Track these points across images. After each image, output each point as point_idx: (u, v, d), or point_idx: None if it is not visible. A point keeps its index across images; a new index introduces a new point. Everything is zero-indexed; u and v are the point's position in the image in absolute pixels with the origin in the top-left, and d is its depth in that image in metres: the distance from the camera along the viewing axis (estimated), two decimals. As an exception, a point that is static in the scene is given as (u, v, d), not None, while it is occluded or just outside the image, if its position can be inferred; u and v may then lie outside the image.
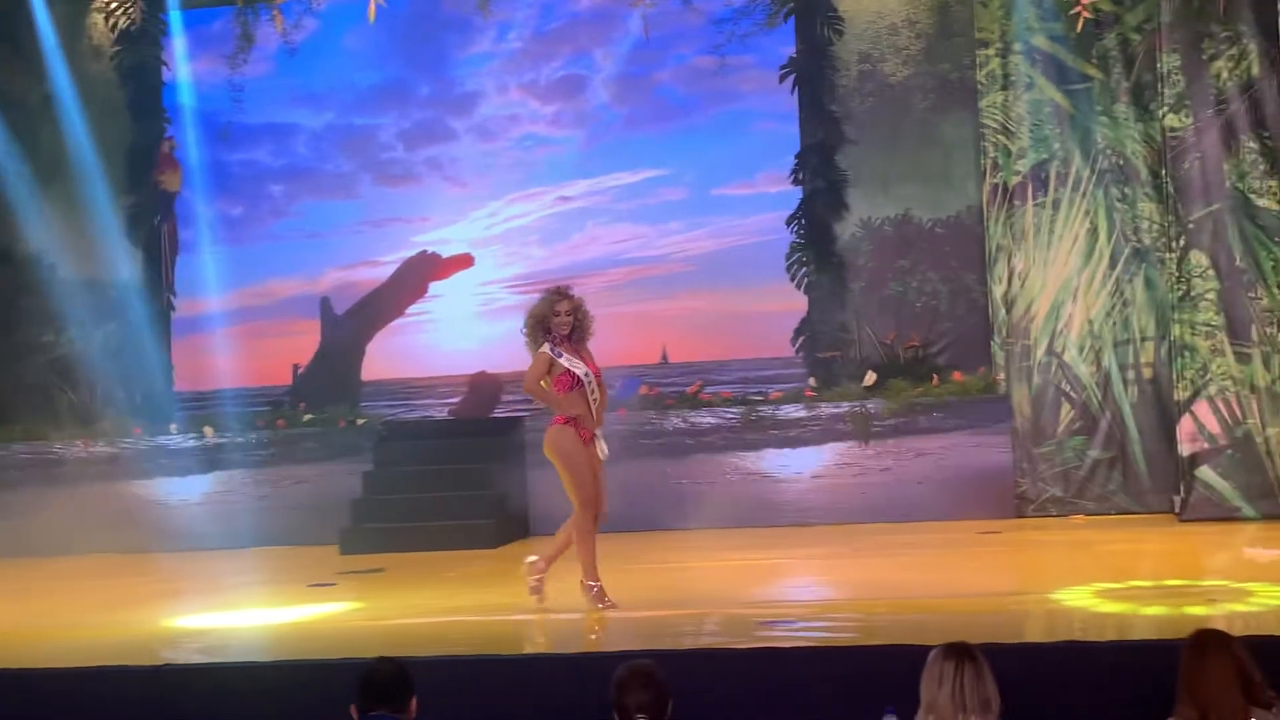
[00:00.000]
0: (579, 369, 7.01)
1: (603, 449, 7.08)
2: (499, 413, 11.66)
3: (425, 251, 12.11)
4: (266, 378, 12.15)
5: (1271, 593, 6.77)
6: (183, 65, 12.30)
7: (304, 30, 11.88)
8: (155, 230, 12.28)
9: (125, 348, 11.98)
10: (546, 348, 7.02)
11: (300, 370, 12.18)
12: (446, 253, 12.08)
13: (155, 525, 11.13)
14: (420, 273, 12.09)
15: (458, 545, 9.98)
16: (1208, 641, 4.07)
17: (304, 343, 12.21)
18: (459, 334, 12.02)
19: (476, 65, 12.10)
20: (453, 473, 10.78)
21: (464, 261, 12.06)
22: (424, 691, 4.41)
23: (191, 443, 11.44)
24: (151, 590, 9.12)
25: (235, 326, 12.14)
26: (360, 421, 11.47)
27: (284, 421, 11.52)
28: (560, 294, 7.12)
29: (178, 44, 12.29)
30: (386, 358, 12.14)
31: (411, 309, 12.16)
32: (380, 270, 12.18)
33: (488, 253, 12.04)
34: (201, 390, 12.14)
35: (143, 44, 12.23)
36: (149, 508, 11.28)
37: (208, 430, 11.46)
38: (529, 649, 6.61)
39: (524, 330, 7.13)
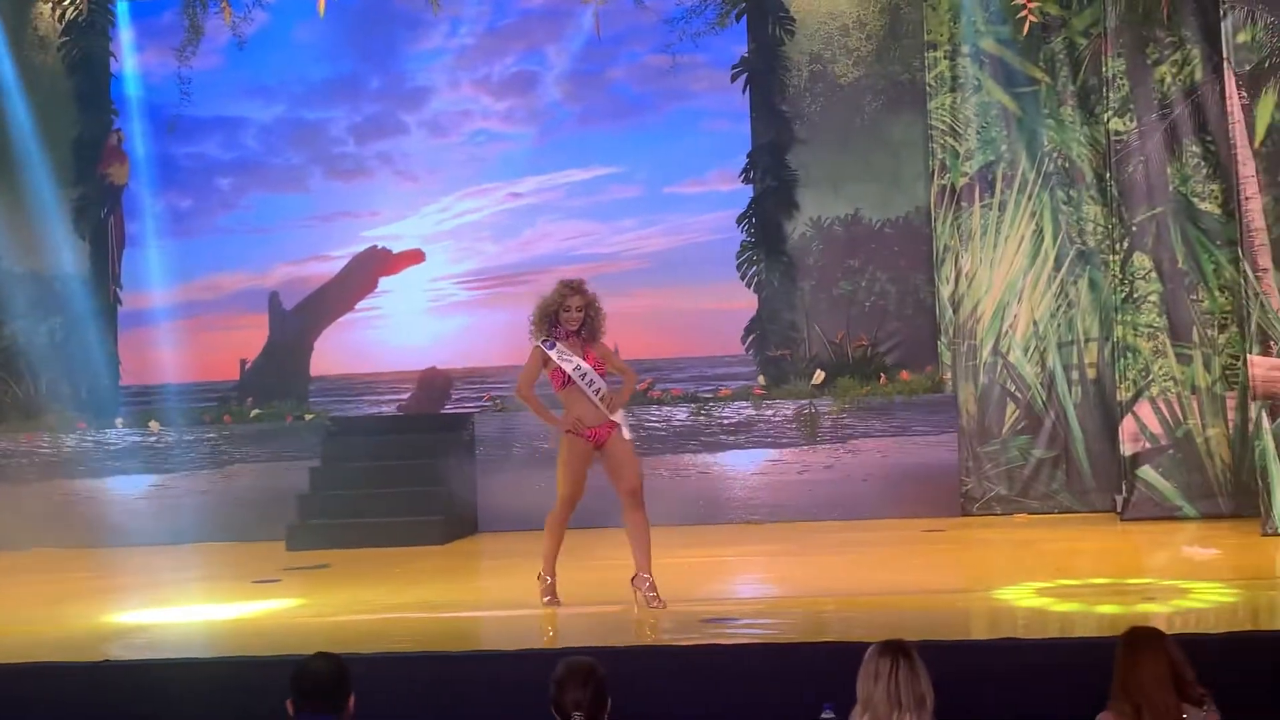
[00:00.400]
0: (570, 364, 6.78)
1: (625, 433, 6.88)
2: (448, 409, 11.64)
3: (376, 246, 12.07)
4: (213, 373, 12.07)
5: (1208, 591, 6.88)
6: (130, 57, 12.19)
7: (253, 23, 11.82)
8: (102, 223, 12.17)
9: (70, 341, 11.87)
10: (540, 343, 6.83)
11: (248, 365, 12.10)
12: (397, 248, 12.04)
13: (99, 520, 11.04)
14: (370, 268, 12.05)
15: (405, 542, 9.96)
16: (1141, 639, 4.13)
17: (252, 338, 12.13)
18: (409, 330, 11.99)
19: (428, 60, 12.06)
20: (401, 469, 10.76)
21: (415, 257, 12.02)
22: (366, 688, 4.40)
23: (137, 438, 11.34)
24: (94, 586, 9.04)
25: (182, 321, 12.06)
26: (308, 417, 11.42)
27: (230, 417, 11.45)
28: (573, 288, 6.86)
29: (125, 36, 12.18)
30: (335, 353, 12.09)
31: (361, 304, 12.11)
32: (330, 265, 12.13)
33: (439, 248, 12.01)
34: (147, 385, 12.04)
35: (90, 35, 12.12)
36: (92, 503, 11.18)
37: (153, 425, 11.36)
38: (472, 646, 6.59)
39: (531, 321, 6.91)
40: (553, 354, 6.82)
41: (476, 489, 10.75)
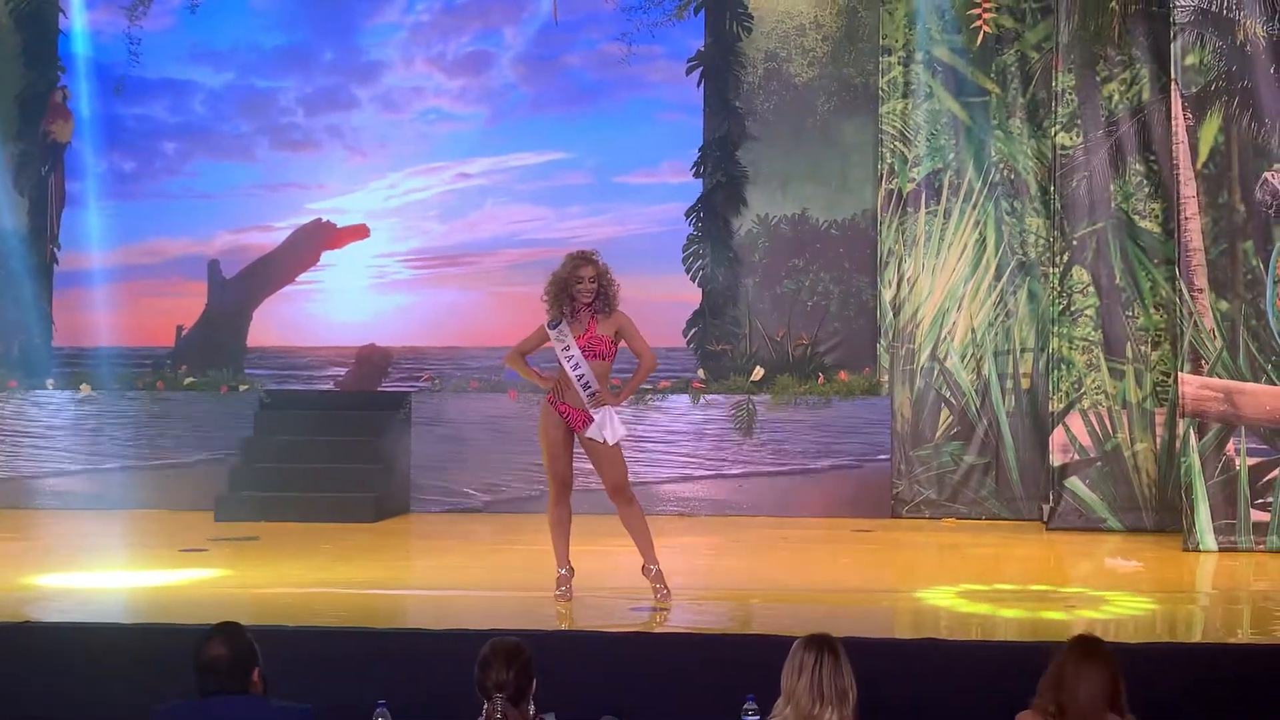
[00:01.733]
0: (566, 355, 6.56)
1: (604, 433, 6.59)
2: (386, 387, 11.57)
3: (320, 220, 11.96)
4: (148, 338, 11.91)
5: (1128, 602, 7.00)
6: (80, 14, 11.99)
7: (209, -13, 11.68)
8: (42, 180, 11.96)
9: (3, 298, 11.67)
10: (547, 323, 6.63)
11: (184, 332, 11.95)
12: (342, 222, 11.94)
13: (25, 482, 10.89)
14: (314, 241, 11.94)
15: (336, 518, 9.91)
16: (1090, 648, 4.16)
17: (190, 304, 11.99)
18: (350, 305, 11.90)
19: (383, 35, 11.97)
20: (335, 445, 10.69)
21: (359, 232, 11.94)
22: (287, 661, 4.39)
23: (67, 399, 11.18)
24: (18, 548, 8.92)
25: (119, 284, 11.88)
26: (243, 388, 11.30)
27: (164, 384, 11.31)
28: (584, 258, 6.65)
29: (76, -8, 11.99)
30: (274, 325, 11.98)
31: (302, 277, 12.00)
32: (273, 235, 12.01)
33: (384, 225, 11.93)
34: (81, 346, 11.86)
35: (41, -10, 11.91)
36: (19, 464, 11.02)
37: (84, 388, 11.21)
38: (398, 624, 6.58)
39: (544, 296, 6.67)
40: (553, 334, 6.62)
41: (410, 468, 10.70)
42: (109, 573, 7.74)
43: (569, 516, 6.80)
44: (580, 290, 6.61)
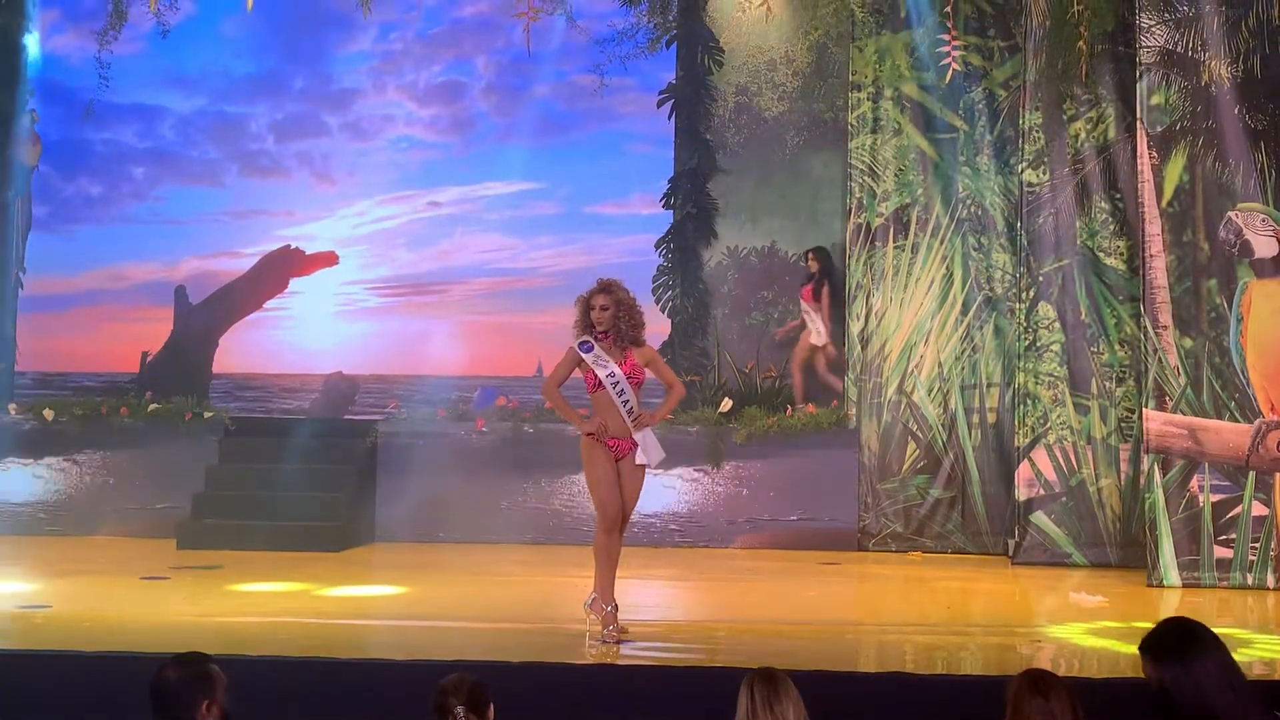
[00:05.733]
0: (604, 370, 6.51)
1: (643, 456, 6.56)
2: (352, 414, 11.52)
3: (289, 246, 11.94)
4: (114, 364, 11.84)
5: (1092, 637, 7.01)
6: (51, 38, 11.96)
7: (180, 13, 11.64)
8: (8, 204, 11.90)
9: (-33, 322, 11.58)
10: (576, 345, 6.54)
11: (149, 358, 11.89)
12: (311, 249, 11.92)
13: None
14: (282, 268, 11.92)
15: (300, 547, 9.82)
16: (1047, 682, 4.14)
17: (156, 330, 11.93)
18: (317, 333, 11.87)
19: (355, 63, 11.99)
20: (300, 473, 10.60)
21: (328, 259, 11.92)
22: (247, 691, 4.33)
23: (30, 425, 11.07)
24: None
25: (85, 309, 11.84)
26: (208, 415, 11.22)
27: (128, 410, 11.21)
28: (601, 286, 6.60)
29: (46, 16, 11.96)
30: (240, 352, 11.93)
31: (270, 304, 11.97)
32: (241, 262, 11.98)
33: (353, 252, 11.92)
34: (45, 371, 11.78)
35: (10, 13, 11.87)
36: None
37: (48, 413, 11.10)
38: (359, 654, 6.51)
39: (575, 322, 6.65)
40: (588, 357, 6.53)
41: (375, 497, 10.64)
42: (68, 600, 7.63)
43: (619, 550, 6.66)
44: (595, 317, 6.57)
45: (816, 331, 11.09)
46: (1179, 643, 3.89)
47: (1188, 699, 3.79)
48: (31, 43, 11.99)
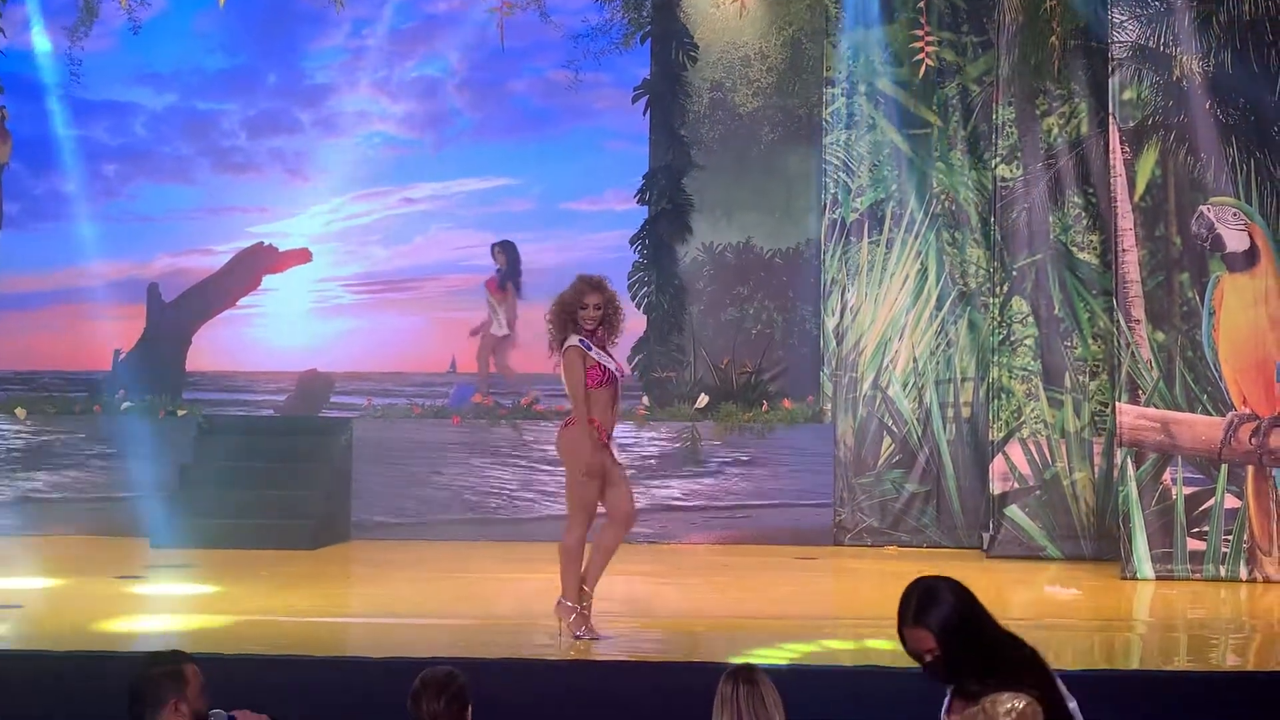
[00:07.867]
0: (611, 364, 6.46)
1: (617, 451, 6.62)
2: (326, 412, 11.48)
3: (262, 243, 11.88)
4: (86, 362, 11.76)
5: (1067, 629, 7.05)
6: (20, 34, 11.85)
7: (151, 8, 11.52)
8: (-22, 201, 11.81)
9: (-64, 321, 11.49)
10: (575, 340, 6.42)
11: (122, 356, 11.81)
12: (284, 246, 11.87)
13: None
14: (255, 265, 11.85)
15: (274, 545, 9.77)
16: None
17: (128, 328, 11.85)
18: (291, 330, 11.82)
19: (328, 59, 11.94)
20: (274, 471, 10.56)
21: (301, 256, 11.86)
22: (221, 689, 4.31)
23: (2, 424, 10.98)
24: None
25: (57, 306, 11.75)
26: (181, 413, 11.15)
27: (101, 408, 11.14)
28: (591, 284, 6.50)
29: (16, 11, 11.83)
30: (214, 349, 11.86)
31: (243, 301, 11.91)
32: (213, 259, 11.91)
33: (326, 249, 11.87)
34: (16, 370, 11.70)
35: (-22, 8, 11.77)
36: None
37: (20, 412, 11.01)
38: (336, 652, 6.50)
39: (548, 319, 6.52)
40: (592, 353, 6.43)
41: (350, 495, 10.60)
42: (41, 599, 7.58)
43: (586, 550, 6.63)
44: (584, 317, 6.46)
45: (498, 323, 11.34)
46: (928, 596, 3.81)
47: (965, 642, 3.71)
48: (1, 39, 11.88)
